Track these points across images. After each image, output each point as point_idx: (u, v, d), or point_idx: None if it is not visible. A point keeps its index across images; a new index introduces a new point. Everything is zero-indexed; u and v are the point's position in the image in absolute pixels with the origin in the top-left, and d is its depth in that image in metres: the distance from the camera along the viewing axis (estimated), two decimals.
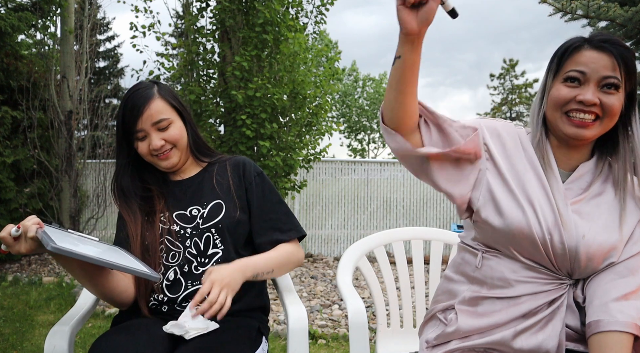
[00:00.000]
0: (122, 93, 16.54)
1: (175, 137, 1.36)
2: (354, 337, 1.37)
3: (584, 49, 1.06)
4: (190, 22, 4.90)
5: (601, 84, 1.04)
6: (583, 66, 1.05)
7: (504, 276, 1.08)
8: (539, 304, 1.05)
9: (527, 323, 1.05)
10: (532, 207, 1.06)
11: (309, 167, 5.33)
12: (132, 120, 1.34)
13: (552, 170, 1.10)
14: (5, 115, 5.51)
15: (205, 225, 1.35)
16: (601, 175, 1.11)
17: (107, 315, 3.70)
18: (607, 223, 1.07)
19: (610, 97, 1.03)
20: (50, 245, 1.02)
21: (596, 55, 1.04)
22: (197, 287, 1.30)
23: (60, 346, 1.26)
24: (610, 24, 4.58)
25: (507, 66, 25.04)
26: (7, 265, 5.68)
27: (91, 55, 6.39)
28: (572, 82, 1.06)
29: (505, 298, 1.07)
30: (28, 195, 5.75)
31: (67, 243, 1.10)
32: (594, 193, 1.10)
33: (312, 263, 6.09)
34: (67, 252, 1.04)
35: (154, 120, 1.34)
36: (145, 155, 1.37)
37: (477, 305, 1.10)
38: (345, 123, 25.75)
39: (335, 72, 5.35)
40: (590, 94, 1.03)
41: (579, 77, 1.05)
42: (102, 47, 17.10)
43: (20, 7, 6.21)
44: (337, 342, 3.17)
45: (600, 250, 1.04)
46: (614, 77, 1.03)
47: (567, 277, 1.07)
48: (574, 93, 1.05)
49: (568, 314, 1.07)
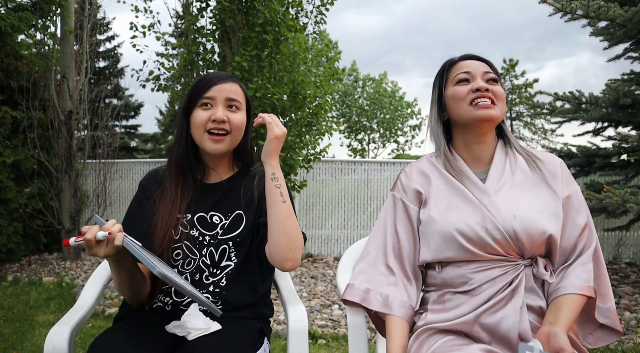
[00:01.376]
0: (122, 93, 16.60)
1: (237, 123, 1.33)
2: (353, 337, 1.37)
3: (460, 61, 1.31)
4: (190, 22, 4.90)
5: (485, 79, 1.26)
6: (466, 68, 1.28)
7: (462, 273, 1.19)
8: (498, 288, 1.14)
9: (487, 306, 1.14)
10: (456, 213, 1.19)
11: (309, 167, 5.33)
12: (206, 87, 1.31)
13: (463, 173, 1.25)
14: (5, 115, 5.51)
15: (224, 237, 1.33)
16: (510, 161, 1.27)
17: (107, 315, 3.70)
18: (531, 199, 1.20)
19: (496, 86, 1.26)
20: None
21: (471, 61, 1.30)
22: (204, 295, 1.29)
23: (60, 346, 1.26)
24: (610, 24, 4.57)
25: (507, 66, 25.03)
26: (7, 265, 5.68)
27: (91, 55, 6.39)
28: (464, 81, 1.27)
29: (468, 291, 1.18)
30: (28, 195, 5.75)
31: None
32: (510, 178, 1.24)
33: (312, 263, 6.09)
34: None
35: (229, 95, 1.32)
36: (199, 127, 1.30)
37: (444, 302, 1.21)
38: (345, 123, 25.74)
39: (335, 72, 5.34)
40: (482, 83, 1.25)
41: (466, 77, 1.27)
42: (102, 47, 17.11)
43: (20, 7, 6.21)
44: (337, 342, 3.17)
45: (533, 224, 1.15)
46: (491, 72, 1.28)
47: (520, 258, 1.17)
48: (468, 87, 1.26)
49: (532, 295, 1.16)
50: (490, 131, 1.28)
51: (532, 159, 1.27)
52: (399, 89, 26.04)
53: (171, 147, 1.39)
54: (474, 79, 1.26)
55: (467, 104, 1.24)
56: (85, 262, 5.85)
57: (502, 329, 1.12)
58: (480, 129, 1.26)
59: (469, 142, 1.29)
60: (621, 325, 1.20)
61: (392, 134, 26.82)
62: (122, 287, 1.23)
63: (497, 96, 1.24)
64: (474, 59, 1.30)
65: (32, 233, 6.01)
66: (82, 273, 5.25)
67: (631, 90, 4.52)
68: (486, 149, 1.28)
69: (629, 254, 6.05)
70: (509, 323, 1.11)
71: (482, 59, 1.31)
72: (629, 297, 4.06)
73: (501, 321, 1.12)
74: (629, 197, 3.74)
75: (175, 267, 1.32)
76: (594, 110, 4.97)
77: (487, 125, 1.25)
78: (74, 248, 5.91)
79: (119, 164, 7.20)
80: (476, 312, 1.15)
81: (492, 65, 1.31)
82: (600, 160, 5.02)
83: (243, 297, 1.33)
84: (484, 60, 1.30)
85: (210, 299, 1.30)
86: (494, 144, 1.30)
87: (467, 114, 1.24)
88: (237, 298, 1.32)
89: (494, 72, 1.29)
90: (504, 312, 1.12)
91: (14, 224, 5.67)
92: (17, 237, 5.77)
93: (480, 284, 1.16)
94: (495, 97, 1.24)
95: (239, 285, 1.32)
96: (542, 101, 5.55)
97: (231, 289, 1.32)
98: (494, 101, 1.23)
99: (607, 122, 5.17)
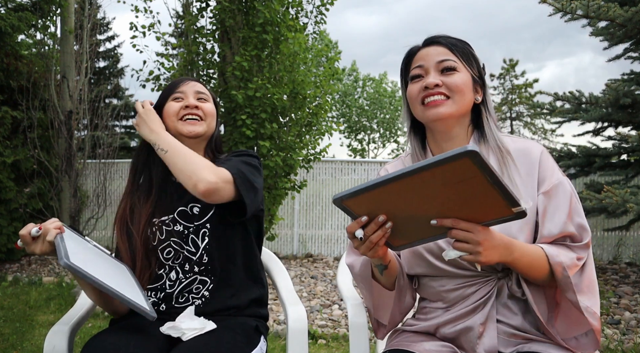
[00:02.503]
0: (122, 93, 16.59)
1: (209, 110, 1.42)
2: (354, 337, 1.37)
3: (419, 50, 1.18)
4: (190, 22, 4.90)
5: (440, 69, 1.13)
6: (420, 61, 1.16)
7: (437, 291, 1.16)
8: (470, 304, 1.10)
9: (450, 317, 1.12)
10: None
11: (309, 167, 5.32)
12: (176, 84, 1.41)
13: None
14: (5, 115, 5.51)
15: (200, 221, 1.35)
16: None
17: (106, 315, 3.70)
18: None
19: (451, 77, 1.12)
20: (63, 260, 1.02)
21: (428, 50, 1.16)
22: (191, 278, 1.32)
23: (60, 346, 1.26)
24: (610, 24, 4.58)
25: (507, 66, 25.02)
26: (7, 265, 5.68)
27: (91, 55, 6.40)
28: (417, 78, 1.16)
29: (443, 307, 1.16)
30: (28, 195, 5.76)
31: (80, 257, 1.09)
32: None
33: (312, 263, 6.09)
34: (76, 271, 1.04)
35: (198, 89, 1.42)
36: (172, 115, 1.38)
37: (426, 313, 1.20)
38: (345, 123, 25.74)
39: (335, 72, 5.34)
40: (431, 78, 1.12)
41: (419, 72, 1.15)
42: (102, 47, 17.09)
43: (20, 7, 6.21)
44: (337, 342, 3.17)
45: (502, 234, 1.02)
46: (448, 59, 1.13)
47: (494, 271, 1.10)
48: (420, 84, 1.14)
49: (505, 311, 1.09)
50: (453, 127, 1.16)
51: (504, 157, 1.13)
52: (399, 89, 26.04)
53: (138, 151, 1.43)
54: (427, 72, 1.14)
55: (419, 104, 1.14)
56: None
57: (461, 340, 1.10)
58: (437, 127, 1.16)
59: (437, 139, 1.19)
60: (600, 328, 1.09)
61: (392, 134, 26.82)
62: (87, 292, 1.25)
63: (451, 88, 1.11)
64: (432, 45, 1.16)
65: None
66: None
67: (631, 90, 4.52)
68: (456, 143, 1.17)
69: (629, 254, 6.05)
70: (469, 336, 1.08)
71: (441, 42, 1.15)
72: (629, 297, 4.06)
73: (460, 334, 1.10)
74: (629, 197, 3.74)
75: (167, 264, 1.34)
76: (594, 110, 4.97)
77: (440, 123, 1.14)
78: None
79: (119, 163, 7.20)
80: (438, 320, 1.13)
81: (453, 46, 1.15)
82: (600, 160, 5.03)
83: (229, 266, 1.35)
84: (442, 42, 1.15)
85: (199, 278, 1.32)
86: (466, 137, 1.17)
87: (420, 114, 1.15)
88: (223, 268, 1.34)
89: (457, 54, 1.14)
90: (465, 324, 1.09)
91: (14, 224, 5.68)
92: (17, 237, 5.76)
93: (455, 303, 1.13)
94: (449, 89, 1.11)
95: (220, 256, 1.34)
96: (542, 101, 5.56)
97: (213, 261, 1.33)
98: (448, 94, 1.11)
99: (607, 122, 5.18)
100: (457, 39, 1.18)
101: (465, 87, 1.12)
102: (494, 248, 0.95)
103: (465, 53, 1.15)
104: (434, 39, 1.17)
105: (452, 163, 0.80)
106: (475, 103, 1.17)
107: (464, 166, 0.81)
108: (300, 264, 6.06)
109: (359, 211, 0.93)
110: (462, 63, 1.14)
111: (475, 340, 1.07)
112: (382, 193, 0.87)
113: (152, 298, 1.33)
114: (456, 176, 0.83)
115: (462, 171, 0.82)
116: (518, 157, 1.13)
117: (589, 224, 1.11)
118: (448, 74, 1.12)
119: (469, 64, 1.15)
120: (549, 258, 1.03)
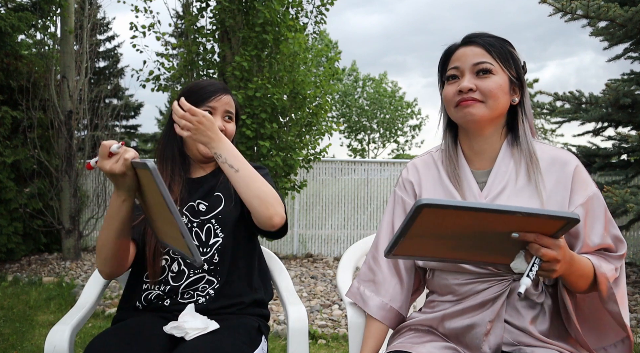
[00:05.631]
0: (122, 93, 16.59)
1: (231, 133, 1.44)
2: (353, 337, 1.37)
3: (456, 50, 1.16)
4: (190, 22, 4.90)
5: (475, 71, 1.12)
6: (456, 62, 1.14)
7: (448, 284, 1.16)
8: (480, 299, 1.09)
9: (457, 309, 1.12)
10: None
11: (309, 167, 5.33)
12: (209, 96, 1.39)
13: (460, 173, 1.17)
14: (5, 115, 5.51)
15: (206, 217, 1.38)
16: (515, 163, 1.15)
17: (107, 315, 3.70)
18: None
19: (486, 81, 1.10)
20: (151, 163, 0.98)
21: (465, 50, 1.14)
22: (199, 276, 1.33)
23: (60, 346, 1.26)
24: (610, 24, 4.57)
25: None
26: (7, 265, 5.68)
27: (91, 55, 6.39)
28: (453, 79, 1.15)
29: (453, 301, 1.15)
30: (28, 195, 5.75)
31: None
32: (513, 183, 1.13)
33: (312, 263, 6.09)
34: (158, 176, 0.99)
35: (227, 108, 1.42)
36: None
37: (433, 307, 1.21)
38: (345, 123, 25.73)
39: (335, 72, 5.35)
40: (466, 81, 1.11)
41: (455, 73, 1.15)
42: (102, 47, 17.08)
43: (20, 7, 6.22)
44: (337, 342, 3.17)
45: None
46: (484, 62, 1.11)
47: (509, 272, 1.08)
48: (455, 87, 1.14)
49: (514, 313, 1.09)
50: (487, 128, 1.15)
51: (533, 162, 1.12)
52: (399, 88, 26.02)
53: (159, 143, 1.46)
54: (463, 74, 1.13)
55: (453, 106, 1.14)
56: (85, 262, 5.85)
57: (467, 337, 1.09)
58: (470, 127, 1.15)
59: (469, 138, 1.19)
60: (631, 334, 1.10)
61: (392, 134, 26.80)
62: (108, 237, 1.20)
63: (484, 93, 1.10)
64: (469, 44, 1.14)
65: (32, 233, 6.01)
66: (82, 273, 5.25)
67: (631, 90, 4.52)
68: (488, 144, 1.16)
69: (629, 254, 6.05)
70: (475, 332, 1.08)
71: (478, 42, 1.13)
72: (629, 297, 4.06)
73: (466, 330, 1.09)
74: (629, 197, 3.74)
75: (170, 256, 1.36)
76: (594, 110, 4.97)
77: (473, 124, 1.13)
78: (74, 248, 5.92)
79: None
80: (445, 311, 1.13)
81: (491, 47, 1.12)
82: (600, 160, 5.03)
83: (236, 269, 1.38)
84: (480, 42, 1.13)
85: (207, 278, 1.34)
86: (499, 139, 1.17)
87: (453, 115, 1.16)
88: (231, 270, 1.36)
89: (494, 55, 1.12)
90: (472, 320, 1.09)
91: (14, 224, 5.67)
92: (17, 237, 5.77)
93: (465, 297, 1.12)
94: (483, 94, 1.10)
95: (230, 258, 1.37)
96: (542, 101, 5.55)
97: (224, 262, 1.36)
98: (482, 99, 1.10)
99: (607, 122, 5.18)
100: (496, 37, 1.15)
101: (499, 91, 1.11)
102: (565, 263, 0.94)
103: (502, 54, 1.12)
104: (472, 38, 1.15)
105: (545, 220, 0.83)
106: (512, 104, 1.16)
107: (548, 224, 0.84)
108: (300, 264, 6.06)
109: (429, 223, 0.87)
110: (499, 64, 1.11)
111: (481, 337, 1.07)
112: (464, 215, 0.85)
113: (157, 291, 1.34)
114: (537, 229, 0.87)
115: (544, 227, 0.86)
116: (552, 165, 1.13)
117: None
118: (483, 77, 1.11)
119: (506, 65, 1.12)
120: (595, 269, 1.03)
